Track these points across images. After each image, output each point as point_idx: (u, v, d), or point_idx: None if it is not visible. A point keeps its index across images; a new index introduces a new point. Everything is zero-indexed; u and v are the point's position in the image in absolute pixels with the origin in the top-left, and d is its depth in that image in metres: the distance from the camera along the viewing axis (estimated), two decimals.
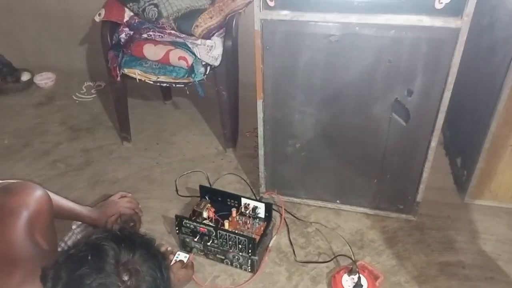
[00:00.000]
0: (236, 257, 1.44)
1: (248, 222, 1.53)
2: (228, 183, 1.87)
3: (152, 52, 1.80)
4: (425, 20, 1.22)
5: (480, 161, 1.58)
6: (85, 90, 2.65)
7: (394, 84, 1.36)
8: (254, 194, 1.79)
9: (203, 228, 1.44)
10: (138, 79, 1.85)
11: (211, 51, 1.78)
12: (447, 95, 1.32)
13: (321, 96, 1.45)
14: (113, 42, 1.91)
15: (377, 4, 1.24)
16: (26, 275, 0.87)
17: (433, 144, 1.43)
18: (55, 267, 0.83)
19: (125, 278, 0.82)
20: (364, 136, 1.50)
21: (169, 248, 1.48)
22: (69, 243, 1.37)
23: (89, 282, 0.79)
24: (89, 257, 0.81)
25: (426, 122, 1.40)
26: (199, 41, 1.80)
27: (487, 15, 1.62)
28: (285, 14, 1.31)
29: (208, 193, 1.63)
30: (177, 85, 1.86)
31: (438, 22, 1.22)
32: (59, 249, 1.15)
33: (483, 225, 1.62)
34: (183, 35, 1.87)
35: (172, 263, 1.38)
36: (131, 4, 1.90)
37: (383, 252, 1.53)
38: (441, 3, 1.18)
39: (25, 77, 2.71)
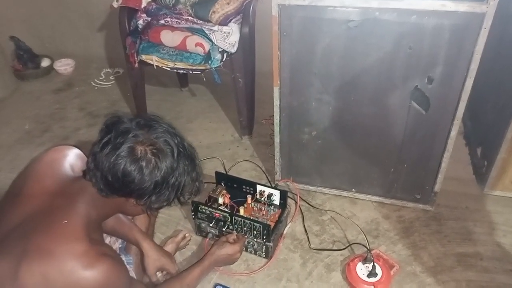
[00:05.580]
0: (251, 243, 1.45)
1: (263, 209, 1.54)
2: (244, 170, 1.87)
3: (169, 38, 1.80)
4: (449, 5, 1.18)
5: (501, 151, 1.55)
6: (103, 77, 2.68)
7: (414, 71, 1.33)
8: (270, 181, 1.79)
9: (218, 214, 1.45)
10: (155, 65, 1.86)
11: (228, 37, 1.77)
12: (469, 83, 1.29)
13: (338, 83, 1.43)
14: (131, 28, 1.92)
15: None
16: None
17: (453, 133, 1.40)
18: (90, 160, 0.93)
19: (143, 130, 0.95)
20: (381, 125, 1.48)
21: (187, 235, 1.51)
22: None
23: (124, 146, 0.91)
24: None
25: (446, 111, 1.37)
26: (216, 28, 1.80)
27: None
28: None
29: (223, 179, 1.64)
30: (194, 72, 1.86)
31: (462, 7, 1.18)
32: None
33: (503, 216, 1.59)
34: (200, 21, 1.86)
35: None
36: None
37: (398, 241, 1.52)
38: None
39: (45, 63, 2.76)
